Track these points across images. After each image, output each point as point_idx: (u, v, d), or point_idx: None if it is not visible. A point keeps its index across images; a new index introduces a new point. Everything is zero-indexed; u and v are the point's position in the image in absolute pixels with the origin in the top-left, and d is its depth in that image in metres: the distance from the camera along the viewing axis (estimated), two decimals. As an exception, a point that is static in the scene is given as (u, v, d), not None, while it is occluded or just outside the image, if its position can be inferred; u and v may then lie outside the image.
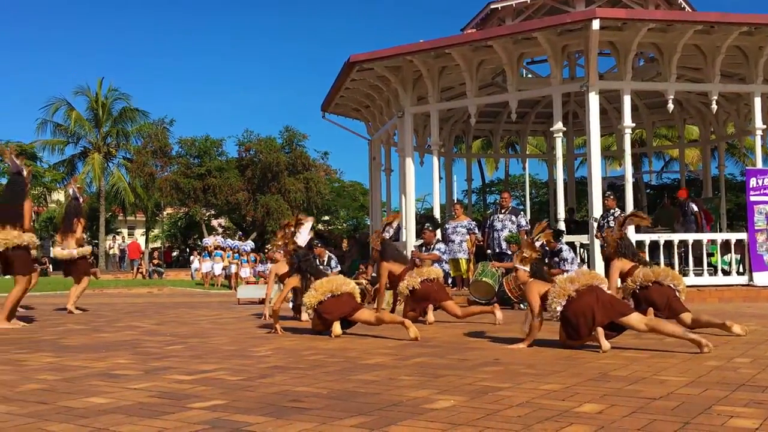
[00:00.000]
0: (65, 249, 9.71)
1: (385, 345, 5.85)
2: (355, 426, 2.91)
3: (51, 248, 30.29)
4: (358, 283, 12.46)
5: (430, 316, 7.90)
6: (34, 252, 8.12)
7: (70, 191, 10.77)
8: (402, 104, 14.19)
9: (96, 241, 37.86)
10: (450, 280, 11.94)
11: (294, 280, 7.09)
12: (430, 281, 8.00)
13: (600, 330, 5.29)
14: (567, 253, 9.96)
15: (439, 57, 13.25)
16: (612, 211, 11.53)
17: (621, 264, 7.03)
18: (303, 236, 8.10)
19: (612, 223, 9.36)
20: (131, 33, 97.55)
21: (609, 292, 5.64)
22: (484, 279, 10.52)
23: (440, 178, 15.77)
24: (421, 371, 4.39)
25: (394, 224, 9.54)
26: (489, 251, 12.11)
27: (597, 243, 10.93)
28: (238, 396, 3.59)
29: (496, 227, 11.99)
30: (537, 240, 6.02)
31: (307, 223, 8.07)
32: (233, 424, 2.96)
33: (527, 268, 5.85)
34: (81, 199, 10.38)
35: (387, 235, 8.79)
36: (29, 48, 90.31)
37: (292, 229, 7.45)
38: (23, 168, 7.94)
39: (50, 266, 29.56)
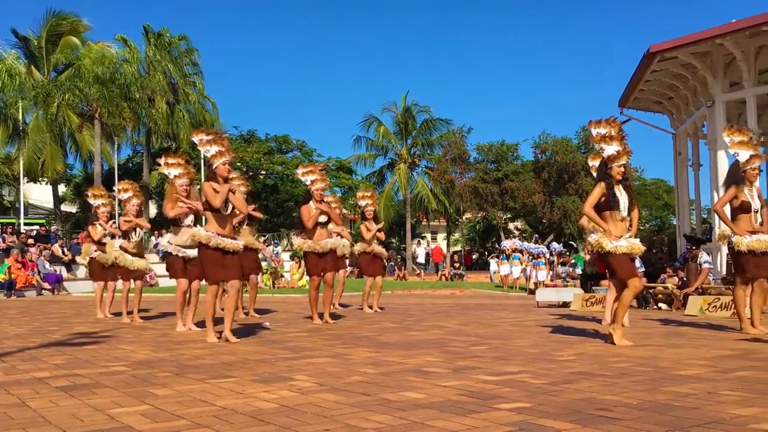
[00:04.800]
0: None
1: (699, 355, 5.39)
2: (671, 441, 2.72)
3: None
4: (664, 287, 11.70)
5: None
6: None
7: None
8: (711, 92, 13.04)
9: (404, 246, 40.65)
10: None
11: None
12: None
13: None
14: None
15: (755, 36, 11.92)
16: None
17: None
18: None
19: None
20: (432, 45, 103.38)
21: None
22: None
23: (758, 171, 14.06)
24: (745, 386, 3.96)
25: None
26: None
27: None
28: (543, 400, 3.58)
29: None
30: None
31: None
32: (540, 429, 2.96)
33: None
34: None
35: None
36: (346, 74, 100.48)
37: None
38: None
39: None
